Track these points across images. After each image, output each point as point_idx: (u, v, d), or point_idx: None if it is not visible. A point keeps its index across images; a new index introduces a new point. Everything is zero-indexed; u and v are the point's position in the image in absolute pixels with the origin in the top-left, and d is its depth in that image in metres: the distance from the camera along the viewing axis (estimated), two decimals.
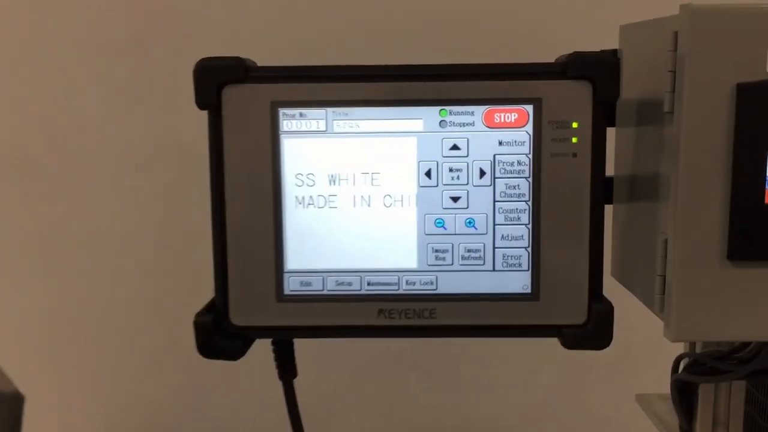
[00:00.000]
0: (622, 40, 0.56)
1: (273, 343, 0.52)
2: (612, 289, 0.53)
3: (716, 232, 0.43)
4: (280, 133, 0.47)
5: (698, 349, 0.56)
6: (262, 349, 0.52)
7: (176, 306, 0.89)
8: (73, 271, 0.99)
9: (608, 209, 0.56)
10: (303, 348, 0.53)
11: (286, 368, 0.53)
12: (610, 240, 0.57)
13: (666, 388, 0.64)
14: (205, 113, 0.47)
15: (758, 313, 0.44)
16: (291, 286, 0.48)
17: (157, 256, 0.99)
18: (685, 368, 0.59)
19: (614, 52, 0.55)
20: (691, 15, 0.42)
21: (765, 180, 0.42)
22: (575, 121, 0.46)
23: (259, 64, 0.48)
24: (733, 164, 0.43)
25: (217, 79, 0.46)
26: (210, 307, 0.49)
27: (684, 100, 0.43)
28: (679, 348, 0.59)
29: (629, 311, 0.52)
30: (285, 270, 0.48)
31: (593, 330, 0.47)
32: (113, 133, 0.96)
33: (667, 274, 0.45)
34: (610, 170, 0.55)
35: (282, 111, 0.47)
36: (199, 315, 0.48)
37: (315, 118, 0.47)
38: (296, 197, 0.48)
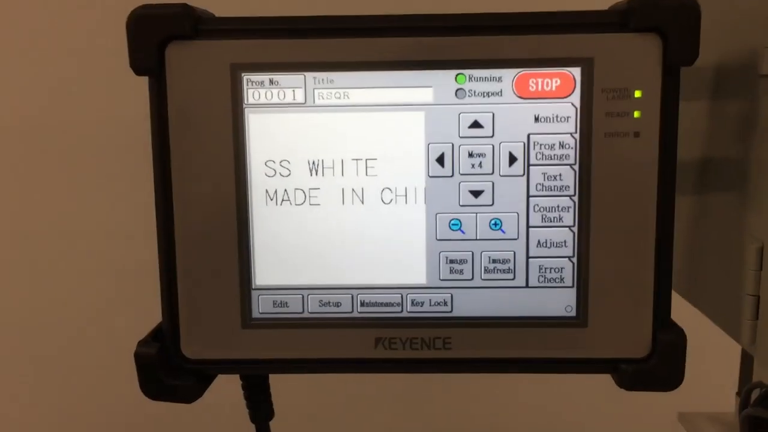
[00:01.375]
0: None
1: (242, 379, 0.41)
2: None
3: None
4: (243, 106, 0.35)
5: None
6: (230, 384, 0.41)
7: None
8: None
9: None
10: (281, 379, 0.42)
11: (259, 408, 0.42)
12: None
13: (713, 405, 0.55)
14: (144, 80, 0.35)
15: None
16: (261, 307, 0.37)
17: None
18: (758, 401, 0.47)
19: None
20: None
21: None
22: (638, 90, 0.34)
23: (217, 15, 0.37)
24: None
25: (157, 34, 0.34)
26: (156, 335, 0.37)
27: None
28: (732, 359, 0.48)
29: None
30: (253, 286, 0.37)
31: (659, 365, 0.36)
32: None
33: (764, 293, 0.34)
34: None
35: (246, 77, 0.35)
36: (140, 345, 0.37)
37: (290, 86, 0.35)
38: (266, 191, 0.36)
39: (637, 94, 0.35)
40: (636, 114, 0.35)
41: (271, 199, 0.36)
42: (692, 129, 0.42)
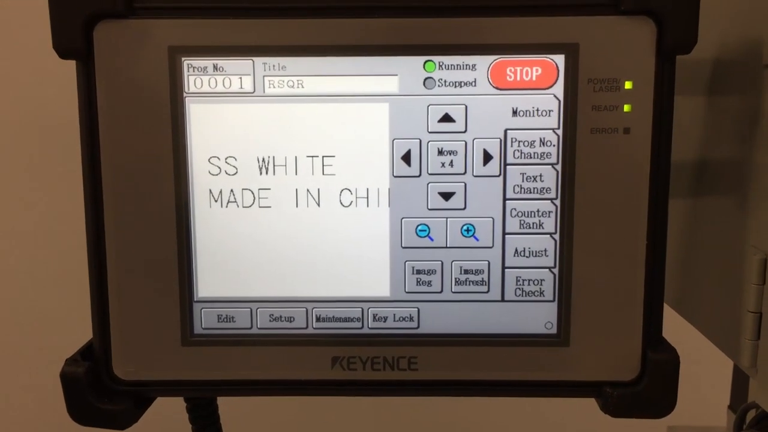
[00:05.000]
0: None
1: (187, 401, 0.37)
2: None
3: None
4: (184, 95, 0.31)
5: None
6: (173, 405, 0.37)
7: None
8: None
9: None
10: (230, 400, 0.38)
11: None
12: None
13: (704, 418, 0.55)
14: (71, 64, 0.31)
15: None
16: (204, 322, 0.33)
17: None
18: (753, 423, 0.44)
19: None
20: None
21: None
22: (629, 80, 0.31)
23: None
24: None
25: (84, 12, 0.30)
26: (86, 353, 0.33)
27: None
28: (724, 372, 0.46)
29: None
30: (195, 299, 0.33)
31: (649, 389, 0.32)
32: None
33: (765, 310, 0.30)
34: None
35: (186, 61, 0.31)
36: (68, 363, 0.33)
37: (237, 73, 0.31)
38: (210, 192, 0.32)
39: (628, 85, 0.31)
40: (626, 108, 0.31)
41: (216, 201, 0.32)
42: (688, 126, 0.39)
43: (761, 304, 0.30)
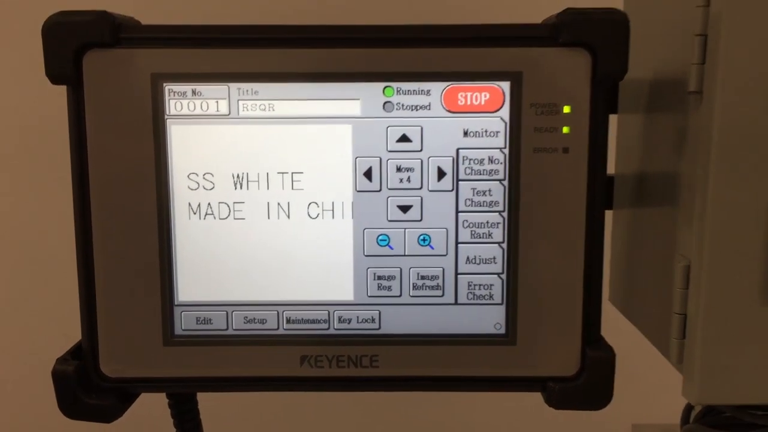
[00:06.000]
0: None
1: (169, 397, 0.40)
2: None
3: (759, 260, 0.32)
4: (165, 117, 0.34)
5: None
6: (155, 401, 0.40)
7: None
8: None
9: (607, 216, 0.44)
10: (210, 395, 0.41)
11: (188, 427, 0.40)
12: (609, 255, 0.45)
13: (667, 416, 0.55)
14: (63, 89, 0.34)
15: None
16: (183, 324, 0.36)
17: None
18: (698, 418, 0.47)
19: None
20: None
21: None
22: (567, 105, 0.34)
23: (144, 23, 0.35)
24: None
25: (74, 42, 0.33)
26: (76, 352, 0.36)
27: (718, 75, 0.31)
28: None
29: (624, 321, 0.41)
30: (175, 303, 0.36)
31: (587, 384, 0.35)
32: None
33: (690, 312, 0.33)
34: (609, 167, 0.44)
35: (168, 87, 0.34)
36: (59, 362, 0.36)
37: (213, 97, 0.34)
38: (189, 205, 0.35)
39: (566, 109, 0.34)
40: (565, 129, 0.34)
41: (195, 213, 0.35)
42: (630, 142, 0.42)
43: (685, 307, 0.34)
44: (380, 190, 0.35)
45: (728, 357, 0.32)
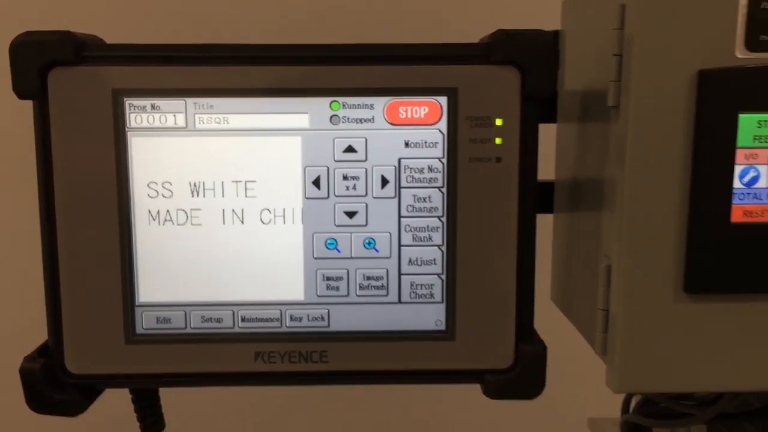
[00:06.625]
0: (564, 18, 0.47)
1: (132, 392, 0.42)
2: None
3: (672, 258, 0.35)
4: (126, 130, 0.37)
5: None
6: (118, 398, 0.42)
7: None
8: None
9: (548, 220, 0.47)
10: (172, 390, 0.43)
11: (150, 421, 0.43)
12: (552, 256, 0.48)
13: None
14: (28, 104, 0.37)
15: (723, 358, 0.35)
16: (144, 323, 0.38)
17: None
18: (636, 407, 0.50)
19: (555, 33, 0.46)
20: None
21: (732, 193, 0.34)
22: (499, 118, 0.37)
23: (108, 42, 0.38)
24: (692, 173, 0.34)
25: (39, 60, 0.36)
26: (42, 351, 0.38)
27: (632, 91, 0.34)
28: None
29: None
30: (136, 303, 0.38)
31: (520, 376, 0.38)
32: None
33: (611, 308, 0.36)
34: (550, 173, 0.47)
35: (128, 102, 0.37)
36: (26, 360, 0.38)
37: (171, 111, 0.37)
38: (149, 212, 0.37)
39: (498, 122, 0.37)
40: (497, 140, 0.37)
41: (154, 219, 0.38)
42: (566, 150, 0.45)
43: (608, 303, 0.37)
44: (328, 197, 0.38)
45: (645, 349, 0.35)
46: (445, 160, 0.37)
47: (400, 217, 0.38)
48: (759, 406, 0.45)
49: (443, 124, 0.37)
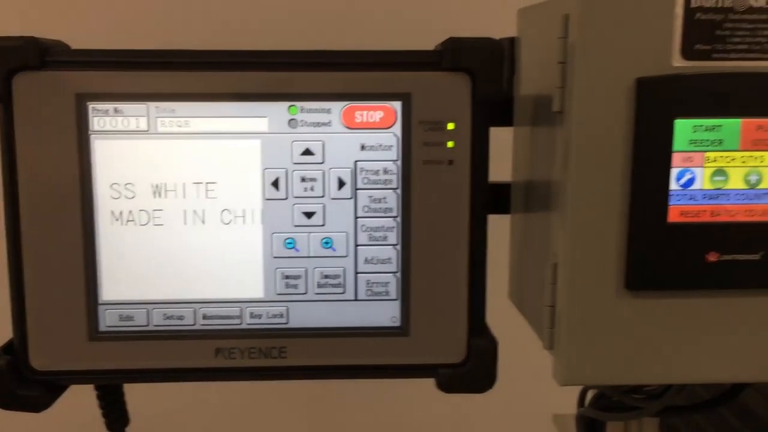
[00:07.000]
0: (520, 26, 0.48)
1: (96, 389, 0.43)
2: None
3: (613, 256, 0.36)
4: (89, 133, 0.38)
5: None
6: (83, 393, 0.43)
7: None
8: None
9: (506, 220, 0.49)
10: (136, 386, 0.44)
11: (115, 416, 0.44)
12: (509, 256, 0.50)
13: None
14: None
15: (662, 351, 0.37)
16: (107, 321, 0.39)
17: None
18: (591, 402, 0.52)
19: (511, 40, 0.47)
20: None
21: (669, 194, 0.36)
22: (451, 122, 0.38)
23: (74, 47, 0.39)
24: (632, 176, 0.36)
25: (4, 65, 0.37)
26: (8, 348, 0.39)
27: (574, 98, 0.35)
28: None
29: None
30: (99, 301, 0.39)
31: (472, 370, 0.40)
32: None
33: (557, 304, 0.38)
34: (506, 175, 0.48)
35: (91, 105, 0.38)
36: None
37: (134, 114, 0.38)
38: (112, 212, 0.39)
39: (450, 126, 0.39)
40: (450, 144, 0.39)
41: (117, 220, 0.39)
42: (521, 152, 0.47)
43: (554, 300, 0.38)
44: (287, 198, 0.39)
45: (589, 343, 0.37)
46: (399, 163, 0.39)
47: (356, 217, 0.39)
48: (708, 398, 0.47)
49: (398, 128, 0.39)
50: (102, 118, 0.38)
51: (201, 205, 0.39)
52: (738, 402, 0.48)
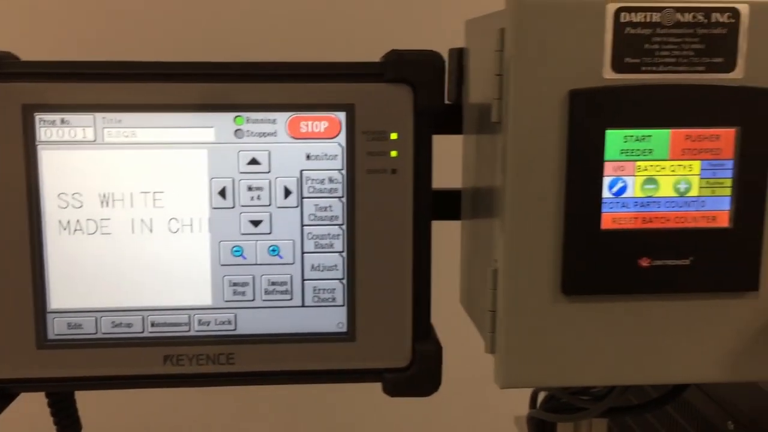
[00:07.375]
0: (468, 37, 0.49)
1: (47, 396, 0.44)
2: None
3: (549, 262, 0.37)
4: (36, 143, 0.38)
5: None
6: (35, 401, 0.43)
7: None
8: None
9: (456, 226, 0.50)
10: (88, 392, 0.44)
11: (66, 423, 0.44)
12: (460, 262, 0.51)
13: None
14: None
15: (599, 354, 0.38)
16: (56, 329, 0.40)
17: None
18: (542, 403, 0.53)
19: (460, 50, 0.48)
20: (517, 9, 0.36)
21: (602, 202, 0.37)
22: (394, 132, 0.39)
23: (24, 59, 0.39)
24: (566, 184, 0.37)
25: None
26: None
27: (510, 109, 0.37)
28: None
29: None
30: (48, 310, 0.39)
31: (417, 374, 0.41)
32: None
33: (497, 309, 0.39)
34: (456, 181, 0.49)
35: (38, 116, 0.38)
36: None
37: (81, 125, 0.39)
38: (60, 222, 0.39)
39: (393, 136, 0.39)
40: (393, 153, 0.40)
41: (65, 229, 0.39)
42: (468, 160, 0.48)
43: (495, 304, 0.39)
44: (234, 207, 0.40)
45: (527, 346, 0.38)
46: (344, 172, 0.40)
47: (302, 225, 0.40)
48: (655, 397, 0.49)
49: (342, 138, 0.39)
50: (49, 128, 0.38)
51: (149, 214, 0.39)
52: (682, 400, 0.50)
